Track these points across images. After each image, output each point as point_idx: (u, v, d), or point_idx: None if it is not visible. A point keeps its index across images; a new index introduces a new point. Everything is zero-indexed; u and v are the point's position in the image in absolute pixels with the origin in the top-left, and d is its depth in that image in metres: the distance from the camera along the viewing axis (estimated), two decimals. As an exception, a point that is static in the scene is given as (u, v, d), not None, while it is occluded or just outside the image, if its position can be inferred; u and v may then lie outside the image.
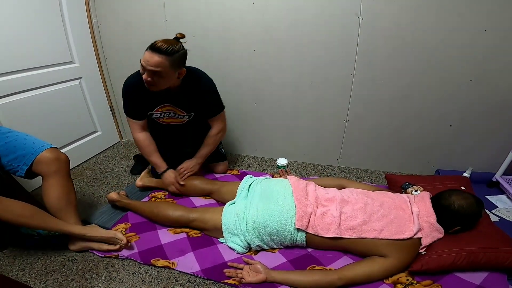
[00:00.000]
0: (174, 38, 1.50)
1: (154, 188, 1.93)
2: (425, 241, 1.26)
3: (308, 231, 1.34)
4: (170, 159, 1.85)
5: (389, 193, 1.49)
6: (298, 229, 1.35)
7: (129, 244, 1.43)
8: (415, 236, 1.25)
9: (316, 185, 1.54)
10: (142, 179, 1.95)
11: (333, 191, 1.47)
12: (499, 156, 1.91)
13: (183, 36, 1.52)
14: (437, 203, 1.33)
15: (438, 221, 1.28)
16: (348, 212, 1.33)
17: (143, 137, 1.74)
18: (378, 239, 1.26)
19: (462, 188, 1.62)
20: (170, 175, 1.78)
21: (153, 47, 1.43)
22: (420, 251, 1.27)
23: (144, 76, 1.50)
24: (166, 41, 1.45)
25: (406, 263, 1.25)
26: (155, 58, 1.43)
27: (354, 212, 1.33)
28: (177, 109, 1.76)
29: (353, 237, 1.29)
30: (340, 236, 1.30)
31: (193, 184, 1.83)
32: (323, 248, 1.41)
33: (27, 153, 1.30)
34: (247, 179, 1.67)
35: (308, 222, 1.34)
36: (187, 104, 1.75)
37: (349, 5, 1.76)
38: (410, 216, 1.30)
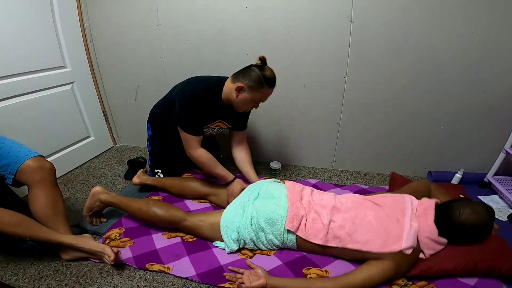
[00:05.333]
0: (261, 61, 1.53)
1: (151, 186, 1.91)
2: (427, 253, 1.23)
3: (298, 234, 1.34)
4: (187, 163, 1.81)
5: (389, 201, 1.36)
6: (288, 231, 1.35)
7: (115, 259, 1.33)
8: (407, 251, 1.19)
9: (313, 190, 1.54)
10: (139, 177, 1.93)
11: (328, 197, 1.45)
12: (491, 156, 1.94)
13: (265, 58, 1.54)
14: (445, 219, 1.25)
15: (442, 233, 1.23)
16: (338, 221, 1.32)
17: (204, 152, 1.67)
18: (362, 251, 1.24)
19: (461, 196, 1.64)
20: (239, 183, 1.71)
21: (274, 83, 1.54)
22: (421, 256, 1.24)
23: (255, 106, 1.61)
24: (273, 71, 1.53)
25: (404, 267, 1.22)
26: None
27: (343, 222, 1.31)
28: (224, 123, 1.76)
29: (338, 246, 1.29)
30: (327, 245, 1.31)
31: (191, 185, 1.82)
32: (314, 253, 1.41)
33: (11, 162, 1.26)
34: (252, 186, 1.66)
35: (299, 225, 1.34)
36: (234, 117, 1.75)
37: (341, 8, 1.78)
38: (403, 229, 1.23)
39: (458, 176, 1.92)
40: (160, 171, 1.97)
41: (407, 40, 1.78)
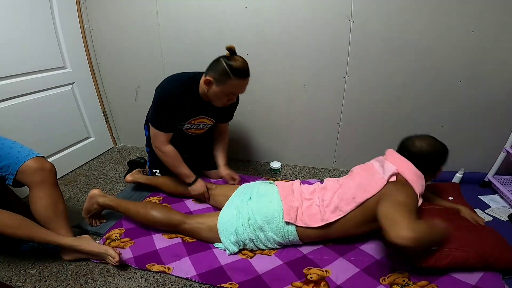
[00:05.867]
0: (229, 51, 1.46)
1: (144, 184, 1.92)
2: (417, 189, 1.28)
3: (298, 224, 1.37)
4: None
5: (358, 169, 1.51)
6: (288, 223, 1.38)
7: (119, 260, 1.34)
8: (391, 178, 1.30)
9: (300, 182, 1.60)
10: (133, 175, 1.95)
11: (314, 185, 1.54)
12: (491, 156, 1.93)
13: (233, 48, 1.47)
14: (414, 156, 1.36)
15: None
16: (327, 199, 1.39)
17: (170, 149, 1.65)
18: (361, 203, 1.29)
19: (450, 198, 1.69)
20: (201, 184, 1.73)
21: (247, 74, 1.47)
22: (419, 203, 1.28)
23: (230, 99, 1.55)
24: (245, 61, 1.47)
25: (406, 196, 1.22)
26: (248, 81, 1.50)
27: (333, 195, 1.39)
28: (209, 119, 1.75)
29: (340, 216, 1.32)
30: (330, 222, 1.34)
31: (184, 184, 1.80)
32: (319, 239, 1.43)
33: (11, 162, 1.25)
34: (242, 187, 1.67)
35: (296, 215, 1.38)
36: (217, 112, 1.74)
37: (340, 8, 1.78)
38: (378, 171, 1.36)
39: (458, 175, 1.92)
40: (158, 171, 1.97)
41: (407, 40, 1.78)
